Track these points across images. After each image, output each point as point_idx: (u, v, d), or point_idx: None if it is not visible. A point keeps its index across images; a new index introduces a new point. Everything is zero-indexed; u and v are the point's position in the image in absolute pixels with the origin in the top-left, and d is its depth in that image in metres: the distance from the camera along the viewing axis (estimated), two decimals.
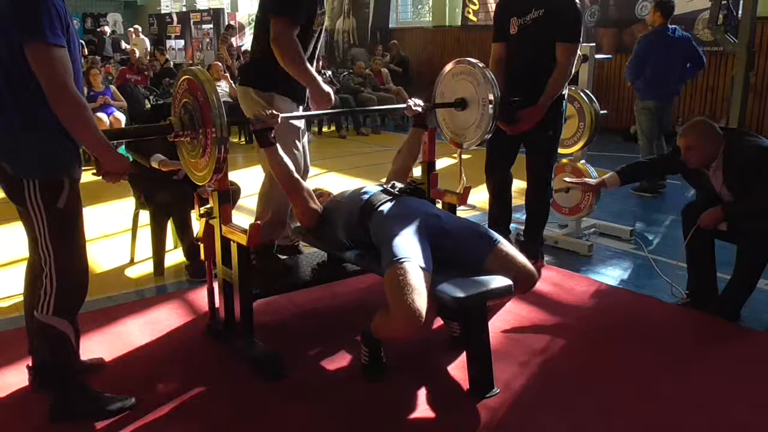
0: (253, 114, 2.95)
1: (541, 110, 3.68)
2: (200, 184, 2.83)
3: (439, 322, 3.28)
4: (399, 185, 3.06)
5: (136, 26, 15.58)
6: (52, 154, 2.28)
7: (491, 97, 3.40)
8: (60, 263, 2.36)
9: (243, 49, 13.80)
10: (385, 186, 3.07)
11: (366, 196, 2.98)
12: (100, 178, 2.43)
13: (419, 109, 3.45)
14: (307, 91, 3.46)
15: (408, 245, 2.59)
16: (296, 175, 3.04)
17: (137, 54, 11.66)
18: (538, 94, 3.66)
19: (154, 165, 3.76)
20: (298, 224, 3.36)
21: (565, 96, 3.88)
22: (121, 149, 4.63)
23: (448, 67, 3.71)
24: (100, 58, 12.00)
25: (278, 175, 3.00)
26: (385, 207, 2.87)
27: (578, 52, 3.73)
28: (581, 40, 3.73)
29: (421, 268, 2.51)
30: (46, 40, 2.11)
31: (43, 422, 2.49)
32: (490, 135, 3.54)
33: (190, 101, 2.64)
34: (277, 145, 2.93)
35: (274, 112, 2.91)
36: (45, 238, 2.32)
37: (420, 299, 2.39)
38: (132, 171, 2.48)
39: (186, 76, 2.67)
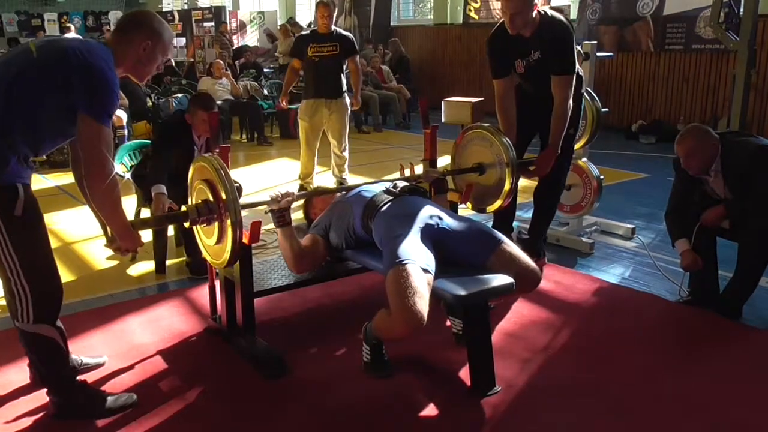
0: (269, 195, 2.92)
1: (553, 154, 3.71)
2: (221, 268, 2.87)
3: (442, 321, 3.29)
4: (401, 184, 3.06)
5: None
6: (5, 162, 2.22)
7: (509, 160, 3.41)
8: (27, 271, 2.31)
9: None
10: (387, 186, 3.07)
11: (368, 196, 2.98)
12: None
13: (436, 175, 3.42)
14: None
15: (410, 246, 2.58)
16: (304, 254, 2.96)
17: None
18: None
19: (152, 193, 3.79)
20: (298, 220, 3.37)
21: (583, 94, 3.90)
22: (122, 149, 4.64)
23: (464, 135, 3.71)
24: None
25: (286, 254, 2.94)
26: (387, 206, 2.87)
27: (573, 81, 3.71)
28: (576, 69, 3.73)
29: (423, 269, 2.50)
30: (103, 121, 2.21)
31: (45, 419, 2.50)
32: (512, 197, 3.55)
33: (204, 188, 2.68)
34: (291, 226, 2.92)
35: (289, 191, 2.89)
36: (7, 247, 2.26)
37: (421, 302, 2.39)
38: (142, 245, 2.56)
39: (199, 163, 2.74)
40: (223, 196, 2.57)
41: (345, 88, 5.92)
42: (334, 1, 4.82)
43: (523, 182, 4.06)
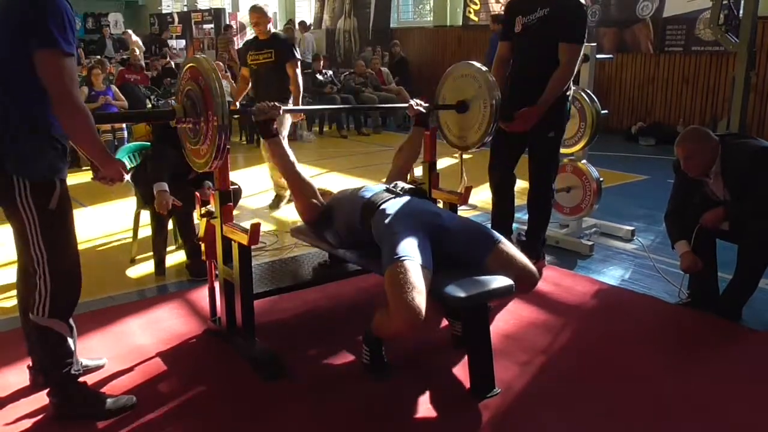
0: (256, 105, 3.00)
1: (538, 110, 3.67)
2: (200, 171, 2.87)
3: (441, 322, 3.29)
4: (401, 185, 3.06)
5: (129, 31, 15.57)
6: (45, 155, 2.28)
7: (492, 100, 3.42)
8: (53, 264, 2.35)
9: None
10: (387, 185, 3.07)
11: (368, 195, 2.98)
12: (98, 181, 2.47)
13: (421, 108, 3.47)
14: None
15: (409, 244, 2.59)
16: (298, 168, 3.07)
17: (137, 52, 11.71)
18: (540, 93, 3.66)
19: (154, 191, 3.79)
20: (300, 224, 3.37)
21: (570, 97, 3.89)
22: (122, 151, 4.64)
23: (450, 69, 3.71)
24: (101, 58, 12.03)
25: (280, 167, 3.07)
26: (387, 206, 2.87)
27: (581, 53, 3.72)
28: (585, 40, 3.73)
29: (422, 266, 2.50)
30: (60, 48, 2.15)
31: (44, 421, 2.50)
32: (491, 137, 3.55)
33: (193, 89, 2.67)
34: (281, 136, 2.96)
35: (276, 104, 2.97)
36: (37, 239, 2.31)
37: (420, 298, 2.39)
38: (127, 173, 2.52)
39: (190, 64, 2.70)
40: (212, 96, 2.55)
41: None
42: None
43: (519, 184, 4.06)
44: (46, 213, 2.30)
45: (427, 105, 3.55)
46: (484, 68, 3.55)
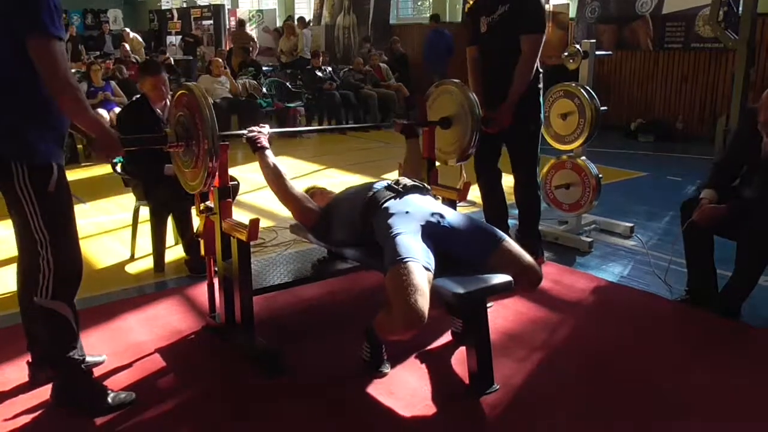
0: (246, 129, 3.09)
1: (510, 108, 3.75)
2: (192, 192, 2.95)
3: (441, 320, 3.29)
4: (403, 182, 3.05)
5: (127, 29, 15.59)
6: (42, 141, 2.32)
7: (472, 114, 3.52)
8: (56, 245, 2.39)
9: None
10: (389, 182, 3.07)
11: (370, 193, 2.97)
12: (94, 164, 2.53)
13: (404, 121, 3.57)
14: None
15: (411, 244, 2.58)
16: (286, 178, 3.09)
17: (127, 47, 11.81)
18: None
19: (169, 173, 3.77)
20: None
21: (541, 89, 3.95)
22: None
23: (431, 89, 3.80)
24: (100, 54, 12.08)
25: (268, 177, 3.07)
26: (389, 203, 2.86)
27: (542, 42, 3.78)
28: (545, 31, 3.80)
29: (424, 267, 2.50)
30: (49, 32, 2.19)
31: (43, 417, 2.50)
32: (474, 150, 3.64)
33: (184, 114, 2.75)
34: (268, 150, 3.04)
35: (263, 124, 3.10)
36: (39, 222, 2.35)
37: (422, 299, 2.39)
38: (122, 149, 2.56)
39: (181, 91, 2.80)
40: (202, 122, 2.64)
41: None
42: None
43: (510, 182, 4.06)
44: (45, 196, 2.34)
45: (410, 122, 3.65)
46: (462, 84, 3.63)
